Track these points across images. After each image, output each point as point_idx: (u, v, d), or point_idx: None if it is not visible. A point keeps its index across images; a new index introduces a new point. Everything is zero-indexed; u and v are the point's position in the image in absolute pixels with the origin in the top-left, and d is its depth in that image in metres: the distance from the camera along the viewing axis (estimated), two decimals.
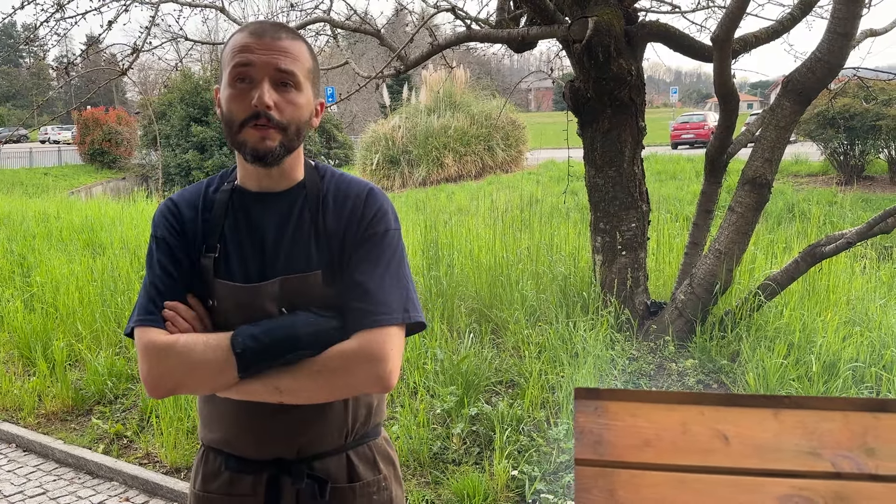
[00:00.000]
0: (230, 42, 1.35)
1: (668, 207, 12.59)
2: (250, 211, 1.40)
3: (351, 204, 1.41)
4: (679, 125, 30.87)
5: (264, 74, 1.30)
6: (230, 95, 1.32)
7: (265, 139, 1.31)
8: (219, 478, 1.46)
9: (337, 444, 1.44)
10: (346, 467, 1.45)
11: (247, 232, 1.39)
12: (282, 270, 1.36)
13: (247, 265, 1.38)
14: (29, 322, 5.48)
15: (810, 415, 1.08)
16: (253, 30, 1.33)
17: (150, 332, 1.33)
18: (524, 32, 4.94)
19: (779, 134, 4.23)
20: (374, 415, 1.50)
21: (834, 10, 3.84)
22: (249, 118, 1.30)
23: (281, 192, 1.41)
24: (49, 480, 4.02)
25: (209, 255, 1.38)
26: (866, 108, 15.25)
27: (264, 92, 1.29)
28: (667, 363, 4.33)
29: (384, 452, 1.53)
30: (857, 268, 5.85)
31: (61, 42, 7.75)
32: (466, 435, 3.73)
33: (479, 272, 5.64)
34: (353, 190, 1.43)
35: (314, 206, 1.40)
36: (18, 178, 28.50)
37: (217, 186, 1.45)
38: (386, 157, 22.57)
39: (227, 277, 1.37)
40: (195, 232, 1.40)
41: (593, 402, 1.11)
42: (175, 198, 1.45)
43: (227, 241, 1.39)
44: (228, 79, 1.32)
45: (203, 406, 1.47)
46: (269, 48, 1.31)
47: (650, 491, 1.01)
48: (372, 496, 1.47)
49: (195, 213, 1.42)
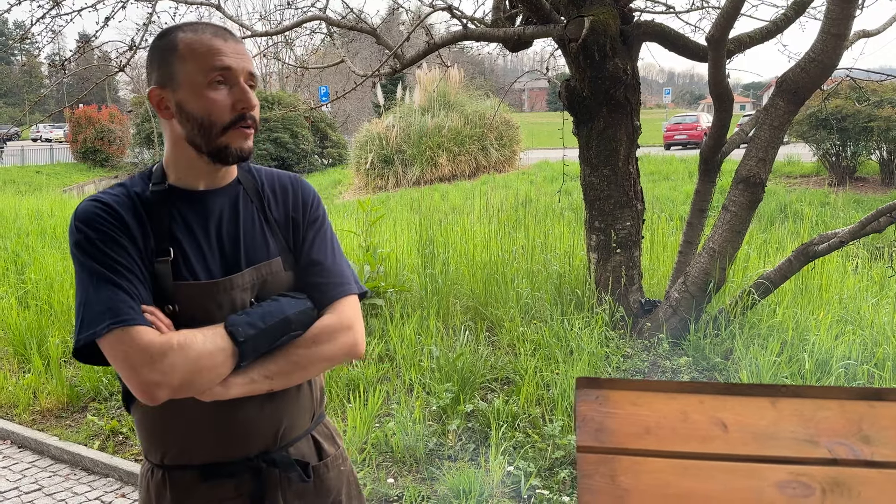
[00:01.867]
0: (186, 44, 1.31)
1: (662, 208, 12.64)
2: (196, 209, 1.38)
3: (291, 193, 1.48)
4: (672, 126, 30.94)
5: (240, 77, 1.33)
6: (211, 99, 1.30)
7: (248, 139, 1.35)
8: (194, 492, 1.39)
9: (306, 426, 1.50)
10: (314, 446, 1.52)
11: (201, 230, 1.36)
12: (246, 263, 1.38)
13: (207, 263, 1.35)
14: (23, 319, 5.47)
15: (807, 403, 1.10)
16: (214, 33, 1.34)
17: (141, 331, 1.21)
18: (520, 31, 4.96)
19: (773, 133, 4.26)
20: (323, 394, 1.59)
21: (828, 11, 3.87)
22: (236, 120, 1.32)
23: (222, 188, 1.42)
24: (45, 477, 4.02)
25: (163, 259, 1.31)
26: (858, 109, 15.34)
27: (250, 94, 1.32)
28: (661, 361, 4.36)
29: (334, 428, 1.62)
30: (849, 267, 5.90)
31: (54, 40, 7.65)
32: (462, 431, 3.75)
33: (474, 270, 5.67)
34: (286, 180, 1.51)
35: (256, 197, 1.45)
36: (10, 175, 28.37)
37: (143, 188, 1.36)
38: (379, 157, 22.55)
39: (192, 278, 1.33)
40: (142, 236, 1.31)
41: (595, 390, 1.13)
42: (105, 199, 1.32)
43: (180, 243, 1.34)
44: (205, 81, 1.30)
45: (164, 422, 1.38)
46: (239, 52, 1.34)
47: (651, 477, 1.03)
48: (339, 468, 1.56)
49: (133, 215, 1.32)
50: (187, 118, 1.32)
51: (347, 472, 1.58)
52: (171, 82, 1.32)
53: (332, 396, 4.19)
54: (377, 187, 22.19)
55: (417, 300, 5.34)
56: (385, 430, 3.74)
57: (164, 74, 1.33)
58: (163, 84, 1.33)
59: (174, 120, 1.34)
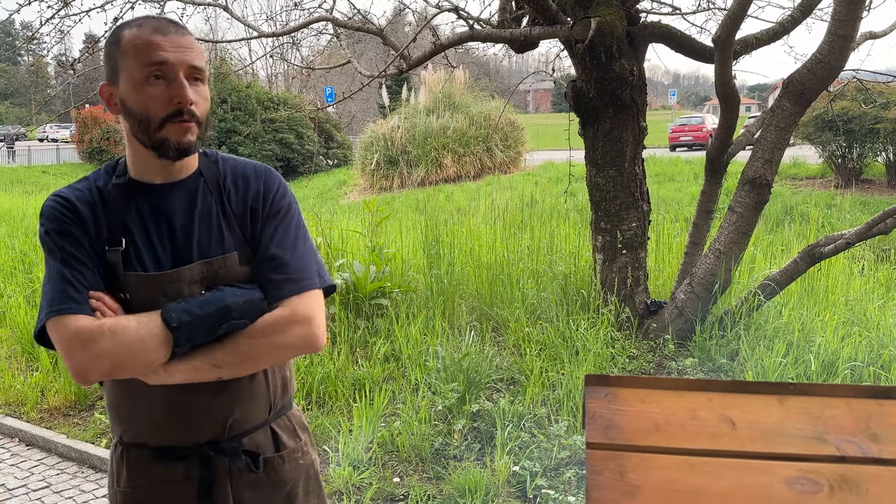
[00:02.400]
0: (128, 38, 1.34)
1: (667, 209, 12.63)
2: (153, 202, 1.41)
3: (253, 184, 1.47)
4: (677, 127, 30.89)
5: (179, 71, 1.32)
6: (147, 94, 1.32)
7: (187, 133, 1.35)
8: (147, 471, 1.45)
9: (262, 418, 1.51)
10: (272, 438, 1.52)
11: (153, 223, 1.40)
12: (198, 256, 1.39)
13: (157, 255, 1.38)
14: (31, 318, 5.50)
15: (815, 401, 1.11)
16: (156, 27, 1.34)
17: (73, 318, 1.29)
18: (527, 32, 4.97)
19: (779, 135, 4.26)
20: (289, 387, 1.58)
21: (834, 12, 3.87)
22: (172, 115, 1.32)
23: (180, 181, 1.43)
24: (52, 474, 4.04)
25: (115, 248, 1.36)
26: (865, 111, 15.30)
27: (187, 89, 1.32)
28: (666, 362, 4.36)
29: (299, 421, 1.61)
30: (855, 269, 5.89)
31: (62, 40, 7.70)
32: (468, 431, 3.76)
33: (479, 271, 5.67)
34: (250, 171, 1.49)
35: (216, 191, 1.44)
36: (17, 175, 28.50)
37: (105, 181, 1.42)
38: (384, 158, 22.57)
39: (141, 269, 1.37)
40: (96, 227, 1.37)
41: (604, 388, 1.14)
42: (64, 194, 1.40)
43: (132, 234, 1.38)
44: (142, 76, 1.32)
45: (121, 401, 1.46)
46: (179, 45, 1.33)
47: (659, 473, 1.04)
48: (298, 461, 1.56)
49: (90, 208, 1.38)
50: (129, 113, 1.36)
51: (307, 465, 1.58)
52: (115, 78, 1.36)
53: (337, 396, 4.20)
54: (382, 188, 22.21)
55: (423, 300, 5.35)
56: (391, 429, 3.75)
57: (111, 70, 1.37)
58: (110, 80, 1.37)
59: (121, 115, 1.38)
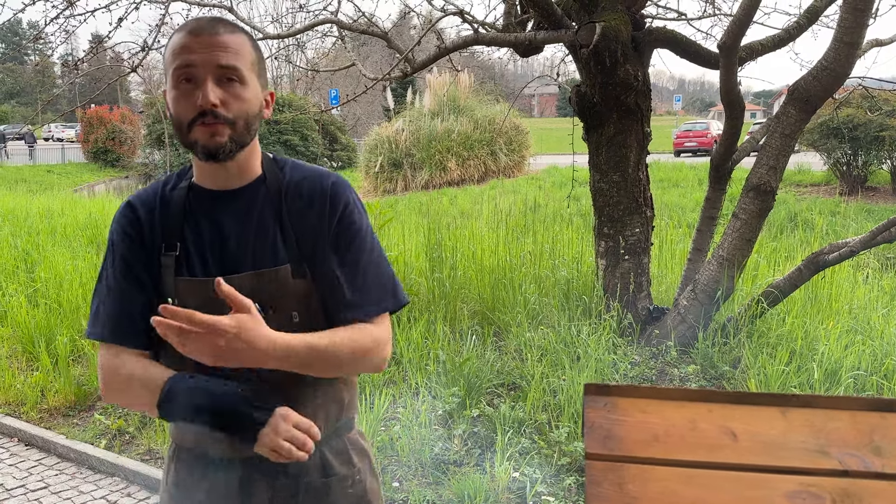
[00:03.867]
0: (170, 43, 1.34)
1: (671, 214, 12.60)
2: (208, 209, 1.40)
3: (317, 196, 1.41)
4: (682, 133, 30.88)
5: (207, 72, 1.29)
6: (175, 97, 1.31)
7: (214, 135, 1.31)
8: (191, 475, 1.45)
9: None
10: (320, 462, 1.46)
11: (207, 230, 1.39)
12: (249, 267, 1.36)
13: (207, 263, 1.37)
14: (32, 317, 5.50)
15: (818, 413, 1.09)
16: (191, 28, 1.32)
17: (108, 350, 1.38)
18: (531, 37, 4.96)
19: (784, 142, 4.24)
20: (347, 409, 1.51)
21: (841, 19, 3.86)
22: (197, 117, 1.30)
23: (240, 189, 1.40)
24: (51, 475, 4.03)
25: (169, 253, 1.38)
26: (870, 118, 15.26)
27: (208, 91, 1.29)
28: (669, 368, 4.34)
29: (358, 446, 1.54)
30: (859, 277, 5.86)
31: (68, 40, 7.74)
32: (468, 436, 3.74)
33: (481, 275, 5.66)
34: (316, 181, 1.43)
35: (276, 201, 1.40)
36: (21, 174, 28.57)
37: (174, 184, 1.44)
38: (389, 160, 22.59)
39: (190, 275, 1.37)
40: (153, 232, 1.40)
41: (603, 397, 1.12)
42: (132, 200, 1.44)
43: (187, 240, 1.38)
44: (173, 80, 1.31)
45: None
46: (209, 45, 1.30)
47: (659, 485, 1.02)
48: (346, 490, 1.48)
49: (151, 213, 1.41)
50: (168, 116, 1.36)
51: (359, 494, 1.50)
52: (165, 83, 1.36)
53: None
54: (386, 191, 22.22)
55: (425, 304, 5.34)
56: (391, 433, 3.73)
57: (165, 74, 1.37)
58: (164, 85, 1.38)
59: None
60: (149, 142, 29.94)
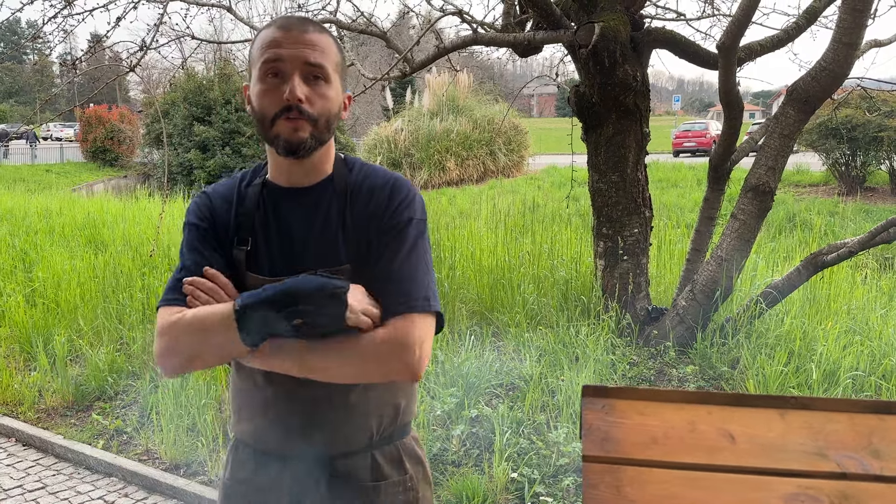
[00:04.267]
0: (258, 38, 1.36)
1: (670, 215, 12.60)
2: (279, 205, 1.41)
3: (377, 195, 1.41)
4: (681, 133, 30.89)
5: (294, 68, 1.31)
6: (261, 91, 1.33)
7: (297, 130, 1.32)
8: (246, 468, 1.47)
9: (362, 443, 1.43)
10: (371, 466, 1.44)
11: (276, 227, 1.40)
12: (310, 265, 1.36)
13: (274, 260, 1.39)
14: (30, 317, 5.49)
15: (816, 416, 1.08)
16: (281, 24, 1.34)
17: (166, 310, 1.35)
18: (530, 37, 4.96)
19: (782, 142, 4.24)
20: (403, 414, 1.49)
21: (839, 20, 3.86)
22: (282, 111, 1.31)
23: (310, 187, 1.41)
24: (48, 475, 4.02)
25: (241, 247, 1.40)
26: (869, 119, 15.27)
27: (296, 85, 1.30)
28: (667, 369, 4.33)
29: (412, 452, 1.51)
30: (857, 277, 5.86)
31: (66, 39, 7.72)
32: (466, 437, 3.73)
33: (480, 275, 5.66)
34: (378, 182, 1.42)
35: (341, 201, 1.40)
36: (20, 174, 28.52)
37: (250, 181, 1.46)
38: (388, 160, 22.58)
39: (257, 271, 1.39)
40: (227, 225, 1.42)
41: (601, 399, 1.12)
42: (209, 191, 1.48)
43: (257, 236, 1.41)
44: (259, 74, 1.33)
45: (234, 398, 1.50)
46: (298, 42, 1.32)
47: (657, 488, 1.02)
48: (397, 496, 1.46)
49: (228, 206, 1.44)
50: (252, 111, 1.37)
51: (409, 501, 1.47)
52: (249, 77, 1.38)
53: None
54: None
55: None
56: None
57: (249, 69, 1.39)
58: (246, 80, 1.40)
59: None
60: (147, 141, 29.87)
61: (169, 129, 26.16)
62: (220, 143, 25.35)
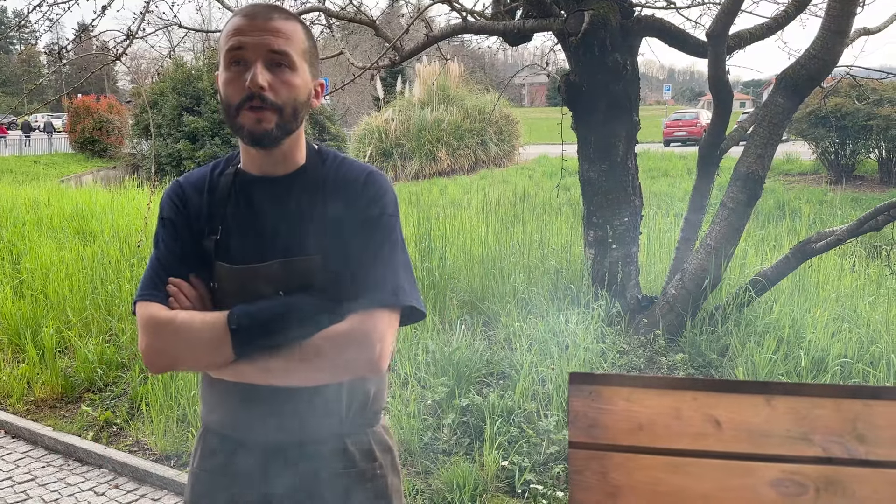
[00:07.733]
0: (225, 26, 1.35)
1: (660, 203, 12.63)
2: (251, 195, 1.41)
3: (349, 188, 1.40)
4: (671, 122, 30.94)
5: (257, 56, 1.29)
6: (226, 79, 1.32)
7: (261, 121, 1.30)
8: (216, 457, 1.47)
9: (332, 431, 1.43)
10: (342, 454, 1.44)
11: (247, 216, 1.40)
12: (280, 254, 1.36)
13: (245, 249, 1.38)
14: (18, 309, 5.45)
15: (802, 401, 1.09)
16: (246, 12, 1.33)
17: (151, 306, 1.35)
18: (520, 25, 4.94)
19: (772, 130, 4.25)
20: (373, 402, 1.49)
21: (828, 8, 3.86)
22: (244, 100, 1.30)
23: (281, 177, 1.40)
24: (38, 467, 4.01)
25: (211, 237, 1.40)
26: (858, 107, 15.32)
27: (258, 73, 1.28)
28: (657, 357, 4.35)
29: (382, 441, 1.52)
30: (846, 265, 5.89)
31: (53, 29, 7.59)
32: (457, 426, 3.74)
33: (471, 264, 5.65)
34: (352, 174, 1.42)
35: (313, 191, 1.39)
36: (8, 165, 28.28)
37: (223, 169, 1.46)
38: (378, 150, 22.52)
39: (226, 260, 1.39)
40: (199, 214, 1.42)
41: (588, 386, 1.12)
42: (182, 181, 1.47)
43: (228, 225, 1.40)
44: (224, 62, 1.32)
45: (205, 389, 1.50)
46: (262, 29, 1.30)
47: (643, 474, 1.02)
48: (366, 483, 1.46)
49: (200, 195, 1.43)
50: (219, 100, 1.37)
51: (378, 488, 1.48)
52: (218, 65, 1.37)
53: None
54: None
55: None
56: None
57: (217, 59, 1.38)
58: (217, 69, 1.38)
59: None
60: (136, 132, 29.65)
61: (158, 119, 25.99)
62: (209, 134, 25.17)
